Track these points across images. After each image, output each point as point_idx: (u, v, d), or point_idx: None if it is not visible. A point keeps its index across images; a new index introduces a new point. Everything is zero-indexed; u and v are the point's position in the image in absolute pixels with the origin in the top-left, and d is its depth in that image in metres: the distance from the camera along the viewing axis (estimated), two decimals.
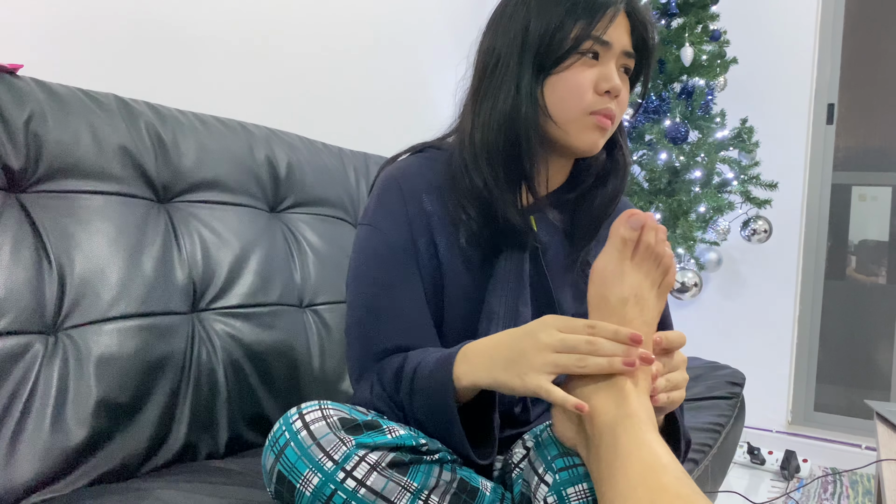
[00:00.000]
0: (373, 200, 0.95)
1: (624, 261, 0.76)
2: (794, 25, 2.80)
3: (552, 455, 0.76)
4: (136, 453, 1.00)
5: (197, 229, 1.19)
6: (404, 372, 0.82)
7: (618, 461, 0.65)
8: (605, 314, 0.76)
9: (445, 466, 0.77)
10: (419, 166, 0.96)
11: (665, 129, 2.44)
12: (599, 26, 0.86)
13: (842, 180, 2.87)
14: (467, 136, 0.92)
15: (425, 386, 0.79)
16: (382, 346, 0.88)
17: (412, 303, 0.90)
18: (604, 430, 0.68)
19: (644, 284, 0.76)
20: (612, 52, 0.88)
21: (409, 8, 2.27)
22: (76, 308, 0.98)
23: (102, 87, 1.17)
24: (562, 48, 0.86)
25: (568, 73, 0.87)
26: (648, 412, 0.70)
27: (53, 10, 1.25)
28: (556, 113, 0.89)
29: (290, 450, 0.70)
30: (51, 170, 1.01)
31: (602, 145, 0.92)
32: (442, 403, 0.76)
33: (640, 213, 0.76)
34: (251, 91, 1.68)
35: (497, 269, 0.92)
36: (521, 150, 0.89)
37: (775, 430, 2.83)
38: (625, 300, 0.75)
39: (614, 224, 0.77)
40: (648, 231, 0.76)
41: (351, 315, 0.92)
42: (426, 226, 0.92)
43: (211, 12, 1.56)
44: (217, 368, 1.14)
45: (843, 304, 2.88)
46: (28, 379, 0.90)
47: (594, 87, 0.88)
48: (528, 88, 0.88)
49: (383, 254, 0.91)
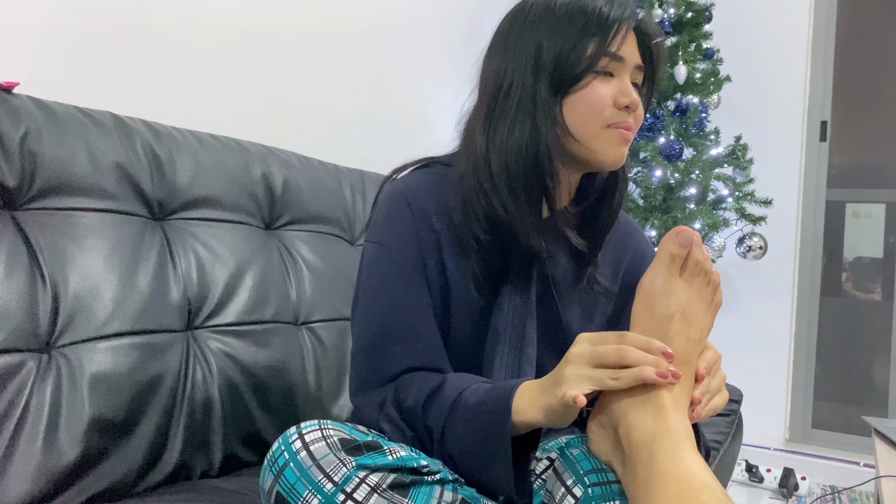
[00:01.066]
0: (380, 217, 0.93)
1: (673, 277, 0.75)
2: (786, 44, 2.83)
3: (585, 469, 0.74)
4: (129, 472, 0.99)
5: (192, 246, 1.19)
6: (442, 395, 0.79)
7: (654, 478, 0.63)
8: (646, 329, 0.74)
9: (447, 486, 0.76)
10: (428, 183, 0.95)
11: (660, 146, 2.45)
12: (614, 43, 0.86)
13: (836, 197, 2.88)
14: (482, 159, 0.90)
15: (474, 416, 0.76)
16: (395, 370, 0.87)
17: (425, 324, 0.89)
18: (640, 447, 0.66)
19: (695, 301, 0.75)
20: (625, 67, 0.89)
21: (405, 27, 2.28)
22: (70, 326, 0.97)
23: (99, 104, 1.17)
24: (578, 67, 0.86)
25: (586, 91, 0.87)
26: (686, 429, 0.68)
27: (49, 28, 1.25)
28: (578, 130, 0.88)
29: (289, 470, 0.69)
30: (46, 187, 1.01)
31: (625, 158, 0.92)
32: (495, 434, 0.74)
33: (688, 230, 0.75)
34: (247, 109, 1.69)
35: (504, 290, 0.91)
36: (544, 170, 0.88)
37: (773, 447, 2.82)
38: (670, 316, 0.74)
39: (663, 240, 0.76)
40: (697, 248, 0.75)
41: (360, 337, 0.90)
42: (436, 244, 0.91)
43: (207, 30, 1.57)
44: (212, 386, 1.13)
45: (839, 320, 2.88)
46: (21, 397, 0.89)
47: (613, 102, 0.88)
48: (547, 109, 0.88)
49: (394, 273, 0.89)
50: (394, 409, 0.83)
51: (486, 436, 0.75)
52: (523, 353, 0.91)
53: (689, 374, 0.74)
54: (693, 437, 0.69)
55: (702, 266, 0.76)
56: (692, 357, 0.74)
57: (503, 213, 0.88)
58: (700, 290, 0.76)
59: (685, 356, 0.73)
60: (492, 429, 0.74)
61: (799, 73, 2.82)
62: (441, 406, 0.79)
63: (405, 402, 0.82)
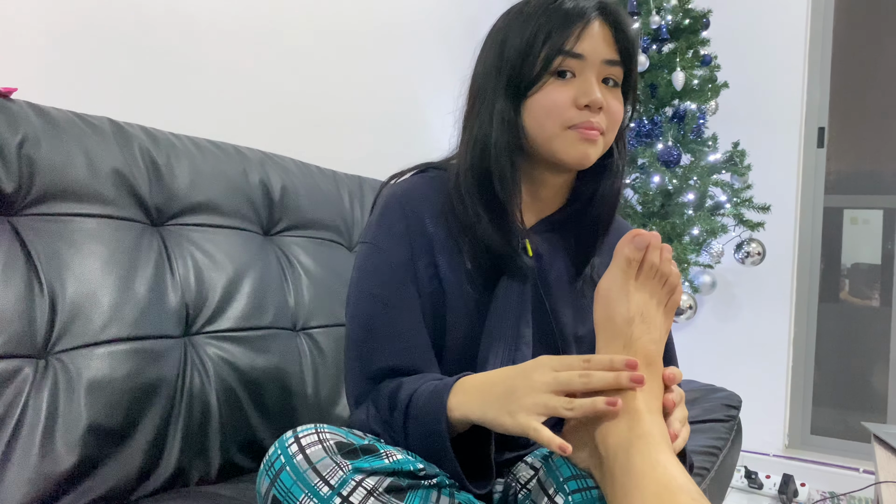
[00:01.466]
0: (374, 218, 0.94)
1: (628, 280, 0.76)
2: (783, 50, 2.84)
3: (564, 476, 0.75)
4: (126, 479, 0.98)
5: (190, 252, 1.19)
6: (399, 398, 0.81)
7: (632, 482, 0.64)
8: (610, 334, 0.75)
9: (444, 491, 0.75)
10: (423, 187, 0.96)
11: (657, 152, 2.45)
12: (569, 41, 0.84)
13: (833, 203, 2.89)
14: (460, 164, 0.92)
15: (419, 413, 0.78)
16: (378, 367, 0.88)
17: (410, 323, 0.89)
18: (617, 452, 0.67)
19: (650, 304, 0.76)
20: (588, 64, 0.86)
21: (404, 32, 2.29)
22: (67, 332, 0.97)
23: (97, 110, 1.17)
24: (533, 70, 0.86)
25: (541, 94, 0.86)
26: (662, 432, 0.69)
27: (48, 34, 1.25)
28: (537, 133, 0.88)
29: (285, 474, 0.69)
30: (43, 193, 1.01)
31: (595, 156, 0.89)
32: (435, 432, 0.76)
33: (644, 233, 0.76)
34: (246, 115, 1.69)
35: (499, 291, 0.91)
36: (493, 174, 0.88)
37: (772, 453, 2.81)
38: (630, 320, 0.75)
39: (619, 244, 0.77)
40: (653, 251, 0.76)
41: (349, 334, 0.92)
42: (428, 247, 0.91)
43: (206, 35, 1.57)
44: (209, 392, 1.13)
45: (838, 326, 2.88)
46: (17, 403, 0.89)
47: (574, 103, 0.86)
48: (503, 115, 0.87)
49: (383, 272, 0.90)
50: (375, 411, 0.85)
51: (429, 432, 0.77)
52: (518, 353, 0.91)
53: (657, 374, 0.75)
54: (668, 439, 0.69)
55: (657, 268, 0.76)
56: (657, 358, 0.75)
57: (473, 217, 0.89)
58: (654, 291, 0.77)
59: (650, 357, 0.74)
60: (431, 426, 0.76)
61: (796, 80, 2.82)
62: (399, 408, 0.81)
63: (380, 405, 0.84)
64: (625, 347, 0.74)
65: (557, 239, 0.97)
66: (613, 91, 0.89)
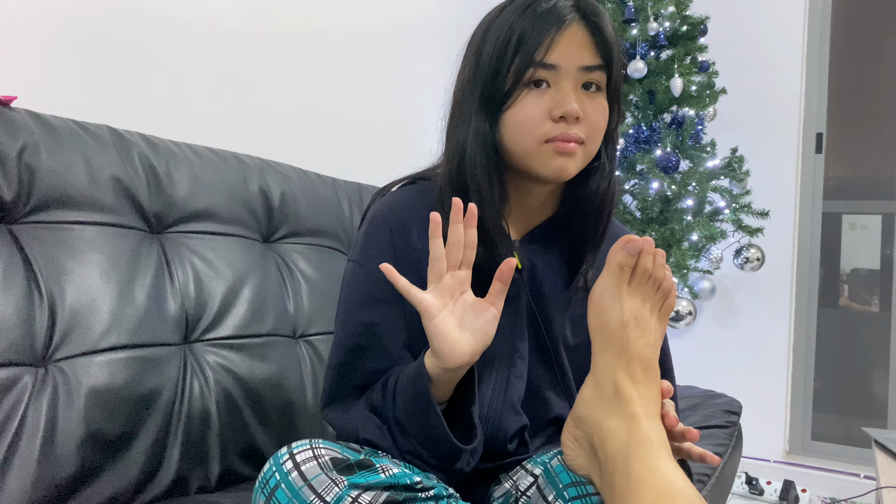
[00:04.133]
0: (361, 236, 0.94)
1: (621, 286, 0.76)
2: (781, 56, 2.85)
3: (564, 483, 0.74)
4: (126, 487, 0.98)
5: (190, 260, 1.18)
6: (388, 384, 0.83)
7: (631, 487, 0.64)
8: (605, 339, 0.75)
9: (441, 502, 0.75)
10: (409, 200, 0.95)
11: (656, 158, 2.46)
12: (540, 51, 0.81)
13: (832, 209, 2.89)
14: (441, 177, 0.91)
15: (405, 385, 0.80)
16: (360, 384, 0.89)
17: (394, 343, 0.89)
18: (616, 457, 0.67)
19: (643, 308, 0.76)
20: (563, 74, 0.83)
21: (401, 38, 2.29)
22: (66, 340, 0.97)
23: (96, 118, 1.17)
24: (506, 84, 0.83)
25: (515, 108, 0.84)
26: (661, 436, 0.69)
27: (47, 42, 1.25)
28: (514, 148, 0.85)
29: (280, 492, 0.69)
30: (43, 201, 1.01)
31: (574, 169, 0.86)
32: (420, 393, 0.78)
33: (637, 238, 0.75)
34: (245, 122, 1.69)
35: None
36: (472, 193, 0.86)
37: (773, 459, 2.81)
38: (624, 324, 0.74)
39: (611, 250, 0.77)
40: (646, 256, 0.76)
41: (333, 354, 0.92)
42: (416, 262, 0.89)
43: (204, 43, 1.57)
44: (209, 400, 1.13)
45: (837, 332, 2.88)
46: (17, 411, 0.88)
47: (549, 115, 0.83)
48: (478, 131, 0.86)
49: (367, 291, 0.90)
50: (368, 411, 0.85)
51: (414, 398, 0.79)
52: (513, 368, 0.91)
53: (654, 378, 0.74)
54: (667, 443, 0.69)
55: (650, 273, 0.76)
56: (653, 362, 0.75)
57: None
58: (647, 296, 0.77)
59: (646, 361, 0.74)
60: (415, 389, 0.79)
61: (794, 85, 2.83)
62: (388, 390, 0.83)
63: (374, 399, 0.85)
64: (620, 351, 0.74)
65: (552, 246, 0.96)
66: (594, 97, 0.86)
